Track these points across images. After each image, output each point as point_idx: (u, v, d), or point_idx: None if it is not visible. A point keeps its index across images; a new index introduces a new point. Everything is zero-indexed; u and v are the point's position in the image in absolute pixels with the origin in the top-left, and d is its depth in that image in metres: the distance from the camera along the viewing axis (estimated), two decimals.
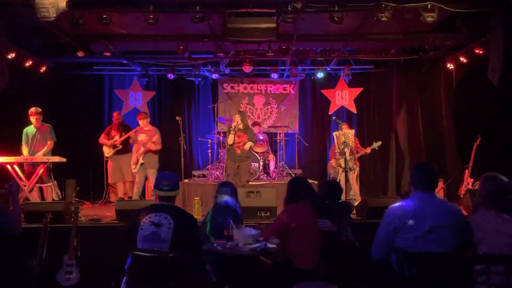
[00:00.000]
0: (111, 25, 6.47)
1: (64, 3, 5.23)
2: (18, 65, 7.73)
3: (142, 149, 7.59)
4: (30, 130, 7.24)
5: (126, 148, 8.10)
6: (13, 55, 7.37)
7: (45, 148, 7.14)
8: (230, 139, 7.29)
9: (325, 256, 3.59)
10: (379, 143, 8.22)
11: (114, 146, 8.00)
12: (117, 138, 8.00)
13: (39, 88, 8.29)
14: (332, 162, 8.38)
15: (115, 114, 8.41)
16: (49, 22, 5.64)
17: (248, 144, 7.26)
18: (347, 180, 7.63)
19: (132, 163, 7.73)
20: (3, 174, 6.53)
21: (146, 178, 7.91)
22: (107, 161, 8.19)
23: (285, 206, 3.96)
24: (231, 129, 7.35)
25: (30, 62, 8.08)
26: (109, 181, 8.22)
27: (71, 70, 9.33)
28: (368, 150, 8.17)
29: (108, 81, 10.19)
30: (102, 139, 8.10)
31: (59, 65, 8.99)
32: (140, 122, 7.80)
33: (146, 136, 7.66)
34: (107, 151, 8.07)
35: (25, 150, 7.15)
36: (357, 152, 8.13)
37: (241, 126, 7.33)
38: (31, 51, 8.05)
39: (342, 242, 3.63)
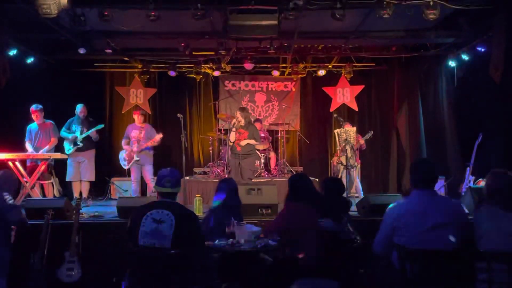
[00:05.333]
0: (112, 22, 6.46)
1: (66, 0, 5.22)
2: (19, 62, 7.73)
3: (136, 146, 7.57)
4: (33, 127, 7.26)
5: (87, 145, 7.59)
6: (15, 51, 7.38)
7: (48, 145, 7.15)
8: (232, 137, 7.26)
9: (326, 253, 3.59)
10: (371, 132, 8.25)
11: (74, 143, 7.51)
12: (79, 134, 7.51)
13: (40, 85, 8.28)
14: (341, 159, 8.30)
15: (80, 106, 7.70)
16: (51, 18, 5.64)
17: (245, 141, 7.15)
18: (350, 177, 7.64)
19: (123, 158, 7.68)
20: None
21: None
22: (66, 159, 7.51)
23: (286, 204, 3.96)
24: (232, 126, 7.32)
25: (32, 59, 8.09)
26: (66, 178, 7.64)
27: (72, 67, 9.31)
28: (362, 141, 8.15)
29: (109, 78, 10.18)
30: (62, 132, 7.51)
31: (60, 62, 8.99)
32: (136, 117, 7.78)
33: (139, 133, 7.65)
34: (66, 148, 7.52)
35: (28, 147, 7.17)
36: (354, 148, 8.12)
37: (242, 123, 7.24)
38: (32, 48, 8.05)
39: (343, 240, 3.63)
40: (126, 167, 7.71)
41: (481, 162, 7.39)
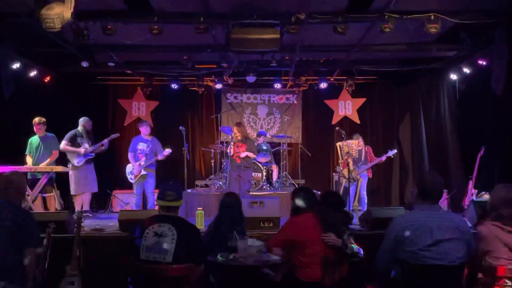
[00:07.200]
0: (115, 35, 6.51)
1: (69, 14, 5.26)
2: (23, 75, 7.77)
3: (144, 160, 7.54)
4: (34, 140, 7.26)
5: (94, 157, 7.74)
6: (18, 65, 7.42)
7: (49, 158, 7.15)
8: (230, 151, 7.54)
9: (329, 268, 3.56)
10: (395, 151, 8.21)
11: (85, 155, 7.54)
12: (88, 146, 7.57)
13: (43, 98, 8.32)
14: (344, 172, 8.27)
15: (88, 119, 7.87)
16: (54, 32, 5.68)
17: (244, 154, 7.46)
18: (353, 190, 7.63)
19: (130, 172, 7.64)
20: None
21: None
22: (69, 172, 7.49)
23: (290, 217, 3.94)
24: (230, 141, 7.58)
25: (35, 72, 8.13)
26: (73, 192, 7.61)
27: (75, 80, 9.36)
28: (384, 158, 8.12)
29: (111, 91, 10.23)
30: (67, 146, 7.41)
31: (63, 75, 9.03)
32: (143, 129, 7.74)
33: (146, 146, 7.64)
34: (75, 160, 7.49)
35: (29, 159, 7.16)
36: (370, 162, 8.10)
37: (239, 137, 7.55)
38: (36, 61, 8.09)
39: (346, 254, 3.59)
40: (133, 181, 7.63)
41: (484, 175, 7.37)
